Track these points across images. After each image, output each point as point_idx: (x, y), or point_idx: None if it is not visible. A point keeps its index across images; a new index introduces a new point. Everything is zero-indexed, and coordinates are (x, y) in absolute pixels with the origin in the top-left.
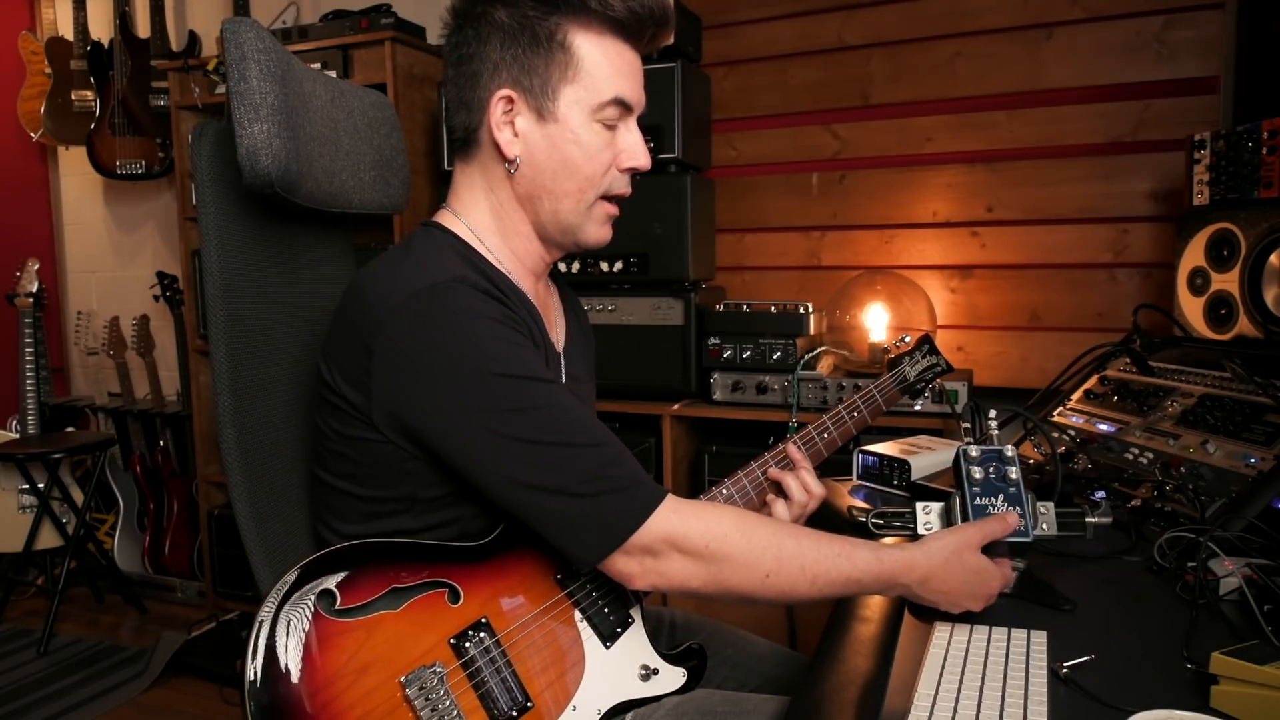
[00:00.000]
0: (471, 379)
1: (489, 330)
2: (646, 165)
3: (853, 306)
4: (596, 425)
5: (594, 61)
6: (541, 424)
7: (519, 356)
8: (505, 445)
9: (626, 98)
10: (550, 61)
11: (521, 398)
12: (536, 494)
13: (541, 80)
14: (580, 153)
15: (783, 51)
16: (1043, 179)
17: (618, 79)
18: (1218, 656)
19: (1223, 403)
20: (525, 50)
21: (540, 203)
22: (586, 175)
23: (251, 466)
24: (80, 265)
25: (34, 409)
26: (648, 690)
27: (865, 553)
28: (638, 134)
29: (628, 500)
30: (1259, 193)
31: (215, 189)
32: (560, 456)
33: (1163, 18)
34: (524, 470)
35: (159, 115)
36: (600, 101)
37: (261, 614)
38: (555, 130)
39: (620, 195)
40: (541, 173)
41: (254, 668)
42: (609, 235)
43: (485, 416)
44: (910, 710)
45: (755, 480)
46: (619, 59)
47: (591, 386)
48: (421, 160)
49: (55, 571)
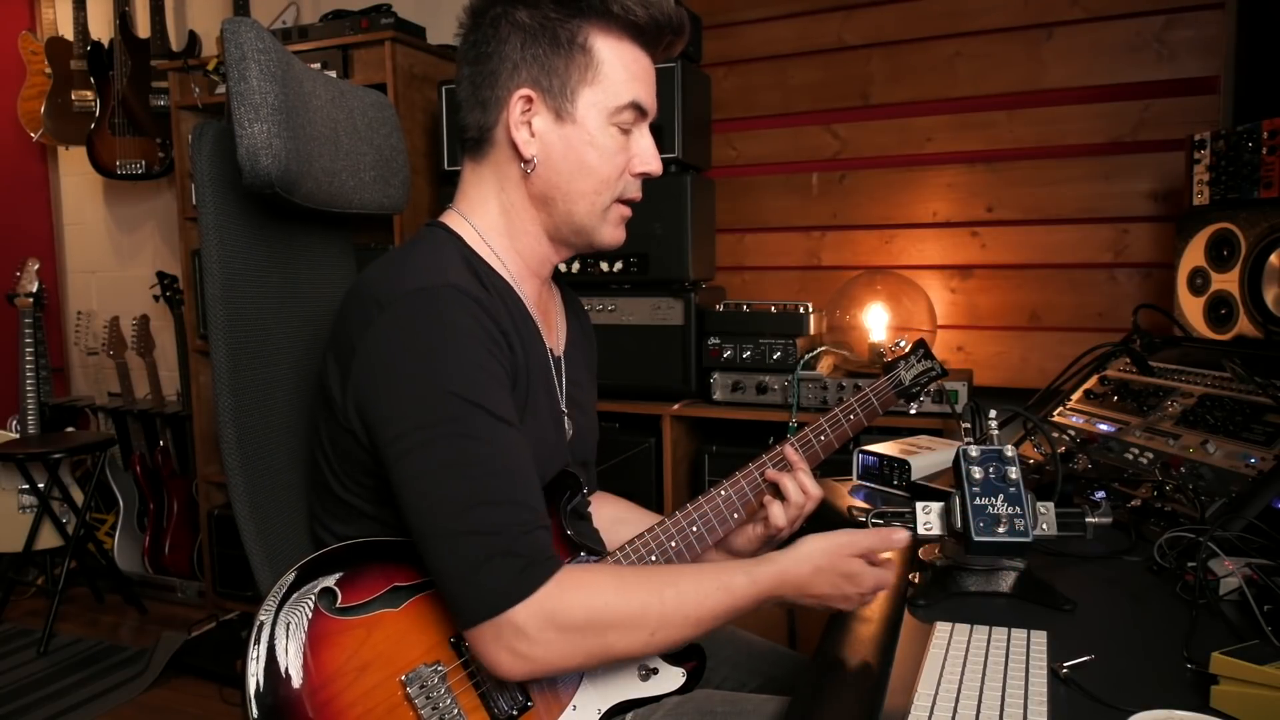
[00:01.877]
0: (429, 390)
1: (465, 347)
2: (659, 170)
3: (853, 306)
4: (526, 484)
5: (613, 65)
6: (472, 458)
7: (483, 383)
8: (430, 464)
9: (643, 103)
10: (570, 63)
11: (467, 424)
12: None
13: (561, 81)
14: (596, 155)
15: (783, 51)
16: (1043, 179)
17: (635, 84)
18: (1218, 656)
19: (1223, 403)
20: (546, 51)
21: (555, 204)
22: (602, 177)
23: (251, 466)
24: (80, 265)
25: (34, 409)
26: (647, 690)
27: (741, 578)
28: (650, 139)
29: (515, 570)
30: (1259, 193)
31: (215, 189)
32: (474, 499)
33: (1163, 18)
34: (435, 498)
35: (159, 115)
36: (618, 105)
37: (261, 616)
38: (573, 131)
39: (633, 199)
40: (557, 173)
41: (254, 672)
42: (623, 237)
43: (426, 431)
44: (910, 710)
45: (753, 482)
46: (636, 64)
47: (592, 389)
48: (421, 160)
49: (55, 571)
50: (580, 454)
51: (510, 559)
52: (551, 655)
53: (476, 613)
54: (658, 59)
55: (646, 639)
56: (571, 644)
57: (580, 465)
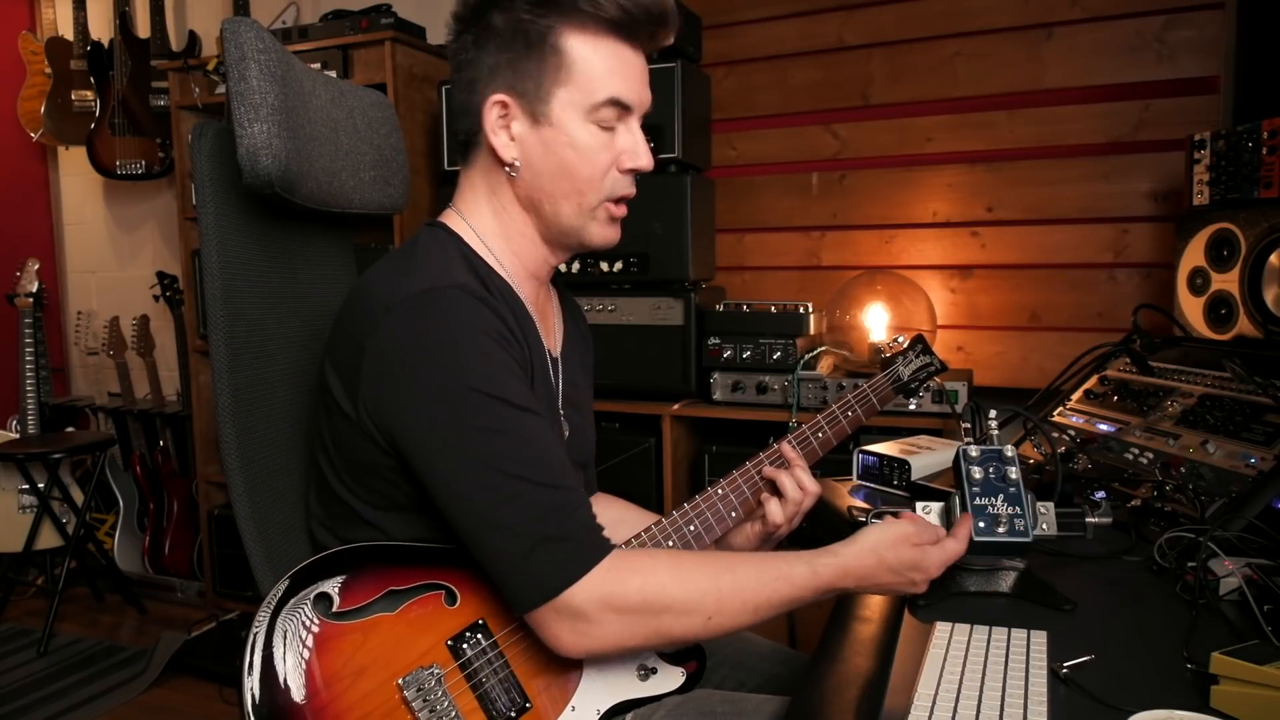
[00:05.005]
0: (450, 390)
1: (478, 343)
2: (648, 166)
3: (853, 306)
4: (560, 467)
5: (587, 62)
6: (503, 450)
7: (501, 377)
8: (463, 463)
9: (622, 98)
10: (543, 65)
11: (492, 418)
12: (480, 522)
13: (535, 83)
14: (576, 155)
15: (783, 51)
16: (1043, 179)
17: (612, 79)
18: (1218, 656)
19: (1223, 403)
20: (519, 54)
21: (541, 206)
22: (585, 177)
23: (251, 466)
24: (80, 265)
25: (34, 409)
26: (647, 690)
27: (802, 568)
28: (639, 134)
29: (567, 554)
30: (1259, 193)
31: (215, 189)
32: (512, 489)
33: (1163, 18)
34: (474, 494)
35: (159, 115)
36: (594, 103)
37: (256, 625)
38: (550, 134)
39: (625, 196)
40: (539, 176)
41: (251, 682)
42: (616, 236)
43: (453, 430)
44: (910, 710)
45: (750, 480)
46: (614, 59)
47: (589, 392)
48: (421, 160)
49: (55, 571)
50: (577, 455)
51: (558, 543)
52: (609, 635)
53: (533, 598)
54: (647, 50)
55: (704, 623)
56: (630, 625)
57: (578, 466)
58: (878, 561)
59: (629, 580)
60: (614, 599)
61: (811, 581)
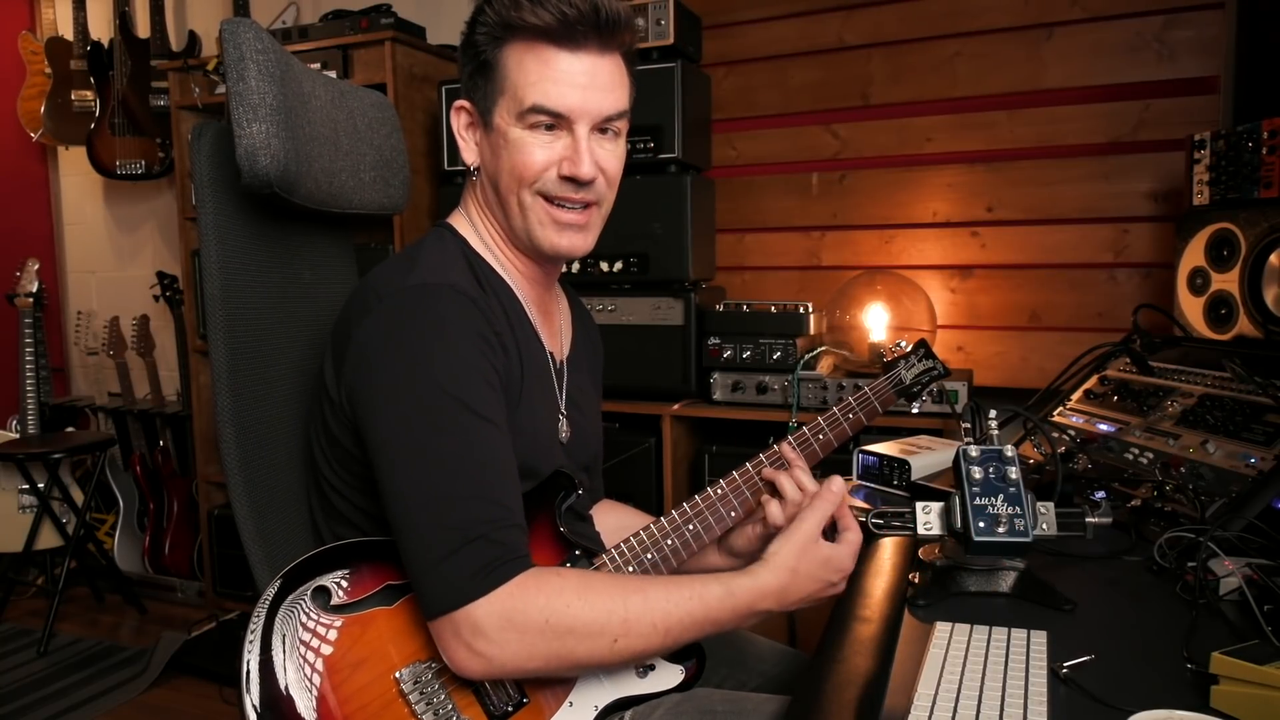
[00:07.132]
0: (413, 383)
1: (455, 343)
2: (580, 173)
3: (853, 306)
4: (503, 482)
5: (518, 71)
6: (449, 452)
7: (469, 380)
8: (407, 456)
9: (548, 105)
10: (489, 75)
11: (447, 418)
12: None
13: (483, 93)
14: (508, 155)
15: (783, 51)
16: (1043, 179)
17: (540, 86)
18: (1218, 656)
19: (1223, 403)
20: (474, 66)
21: (496, 209)
22: (515, 176)
23: (251, 466)
24: (80, 265)
25: (34, 409)
26: (645, 687)
27: (717, 588)
28: (578, 141)
29: (477, 566)
30: (1259, 193)
31: (215, 189)
32: (446, 492)
33: (1163, 18)
34: (409, 488)
35: (159, 115)
36: (520, 110)
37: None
38: (495, 138)
39: (559, 198)
40: (491, 178)
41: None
42: (571, 243)
43: (405, 424)
44: (910, 710)
45: (750, 481)
46: (546, 67)
47: (596, 398)
48: (421, 160)
49: (55, 571)
50: (579, 457)
51: (476, 555)
52: (508, 656)
53: (438, 604)
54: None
55: (609, 645)
56: (530, 646)
57: (581, 469)
58: (792, 573)
59: (533, 599)
60: (515, 617)
61: (727, 602)
